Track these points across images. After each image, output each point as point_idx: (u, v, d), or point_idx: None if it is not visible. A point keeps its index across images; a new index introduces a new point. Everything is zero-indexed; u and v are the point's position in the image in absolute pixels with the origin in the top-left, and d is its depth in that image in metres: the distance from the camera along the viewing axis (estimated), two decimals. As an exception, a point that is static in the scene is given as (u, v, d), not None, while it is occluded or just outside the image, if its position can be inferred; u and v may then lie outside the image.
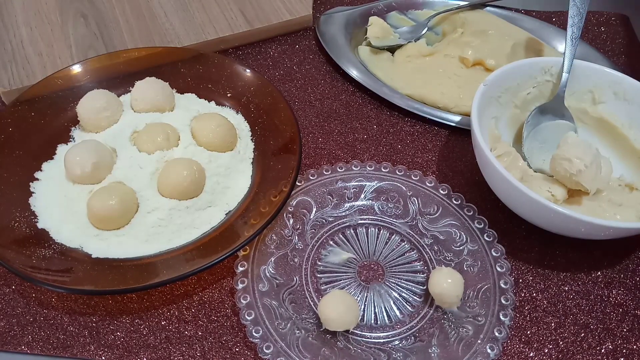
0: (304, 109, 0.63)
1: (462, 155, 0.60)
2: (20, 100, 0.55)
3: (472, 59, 0.65)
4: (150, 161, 0.51)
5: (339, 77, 0.67)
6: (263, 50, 0.69)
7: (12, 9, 0.68)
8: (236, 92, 0.59)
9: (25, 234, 0.47)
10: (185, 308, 0.48)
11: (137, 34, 0.66)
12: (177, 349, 0.45)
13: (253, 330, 0.44)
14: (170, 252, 0.48)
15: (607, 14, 0.76)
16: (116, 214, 0.47)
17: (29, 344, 0.45)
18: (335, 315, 0.44)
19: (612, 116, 0.57)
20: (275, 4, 0.70)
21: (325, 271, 0.50)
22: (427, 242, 0.52)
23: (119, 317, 0.47)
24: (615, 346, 0.47)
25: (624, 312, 0.49)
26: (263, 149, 0.55)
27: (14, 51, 0.63)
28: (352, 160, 0.56)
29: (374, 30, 0.69)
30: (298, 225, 0.52)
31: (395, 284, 0.49)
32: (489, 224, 0.52)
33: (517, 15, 0.73)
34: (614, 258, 0.53)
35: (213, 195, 0.51)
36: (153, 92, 0.55)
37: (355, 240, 0.52)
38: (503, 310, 0.46)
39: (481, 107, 0.53)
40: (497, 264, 0.49)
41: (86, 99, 0.54)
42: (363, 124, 0.62)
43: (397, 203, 0.54)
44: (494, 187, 0.52)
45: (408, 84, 0.64)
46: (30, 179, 0.51)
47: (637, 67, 0.69)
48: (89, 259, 0.47)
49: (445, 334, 0.46)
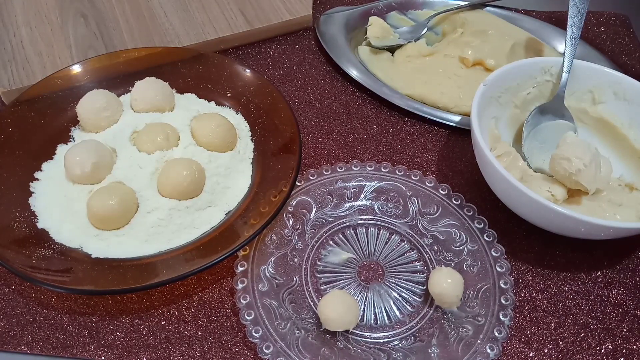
0: (303, 109, 0.63)
1: (462, 155, 0.60)
2: (20, 100, 0.55)
3: (472, 59, 0.65)
4: (150, 161, 0.51)
5: (338, 77, 0.67)
6: (263, 50, 0.69)
7: (12, 9, 0.68)
8: (236, 92, 0.58)
9: (25, 234, 0.47)
10: (185, 308, 0.48)
11: (137, 34, 0.66)
12: (176, 349, 0.45)
13: (253, 330, 0.44)
14: (170, 252, 0.48)
15: (607, 14, 0.76)
16: (116, 214, 0.47)
17: (29, 344, 0.45)
18: (335, 315, 0.44)
19: (612, 116, 0.57)
20: (275, 4, 0.70)
21: (325, 271, 0.50)
22: (427, 242, 0.52)
23: (118, 317, 0.47)
24: (615, 346, 0.47)
25: (623, 312, 0.49)
26: (263, 149, 0.55)
27: (14, 51, 0.63)
28: (352, 160, 0.56)
29: (373, 30, 0.69)
30: (298, 225, 0.52)
31: (395, 284, 0.49)
32: (488, 224, 0.51)
33: (517, 15, 0.73)
34: (614, 258, 0.53)
35: (213, 195, 0.51)
36: (153, 92, 0.55)
37: (355, 240, 0.52)
38: (503, 310, 0.46)
39: (481, 107, 0.53)
40: (497, 264, 0.49)
41: (86, 99, 0.54)
42: (363, 124, 0.62)
43: (397, 203, 0.54)
44: (494, 187, 0.52)
45: (408, 84, 0.64)
46: (30, 178, 0.51)
47: (637, 67, 0.69)
48: (89, 259, 0.47)
49: (445, 334, 0.46)
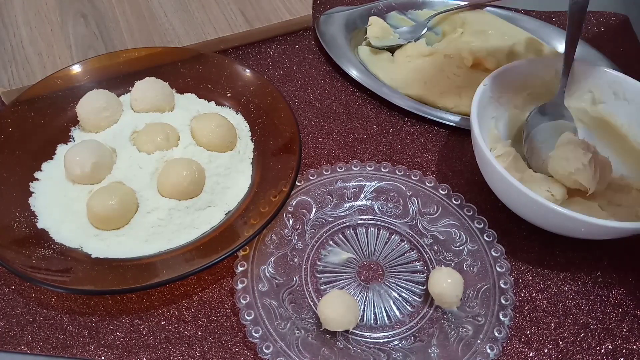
0: (303, 109, 0.63)
1: (461, 155, 0.60)
2: (20, 100, 0.55)
3: (471, 59, 0.65)
4: (150, 161, 0.51)
5: (338, 77, 0.67)
6: (263, 50, 0.69)
7: (12, 9, 0.68)
8: (236, 92, 0.58)
9: (24, 234, 0.47)
10: (184, 308, 0.48)
11: (137, 34, 0.66)
12: (176, 349, 0.45)
13: (253, 330, 0.44)
14: (170, 252, 0.48)
15: (607, 14, 0.76)
16: (116, 214, 0.47)
17: (29, 344, 0.45)
18: (334, 315, 0.44)
19: (611, 116, 0.57)
20: (275, 3, 0.70)
21: (325, 271, 0.50)
22: (426, 242, 0.52)
23: (118, 317, 0.47)
24: (615, 346, 0.47)
25: (623, 312, 0.49)
26: (263, 149, 0.55)
27: (14, 51, 0.63)
28: (352, 160, 0.56)
29: (373, 30, 0.69)
30: (298, 225, 0.52)
31: (394, 284, 0.49)
32: (488, 224, 0.51)
33: (517, 15, 0.73)
34: (614, 258, 0.53)
35: (213, 195, 0.51)
36: (153, 92, 0.55)
37: (355, 240, 0.52)
38: (503, 310, 0.46)
39: (481, 107, 0.53)
40: (496, 264, 0.49)
41: (86, 99, 0.54)
42: (363, 124, 0.62)
43: (396, 203, 0.54)
44: (494, 187, 0.52)
45: (408, 84, 0.64)
46: (30, 178, 0.51)
47: (637, 67, 0.69)
48: (89, 259, 0.47)
49: (445, 334, 0.46)
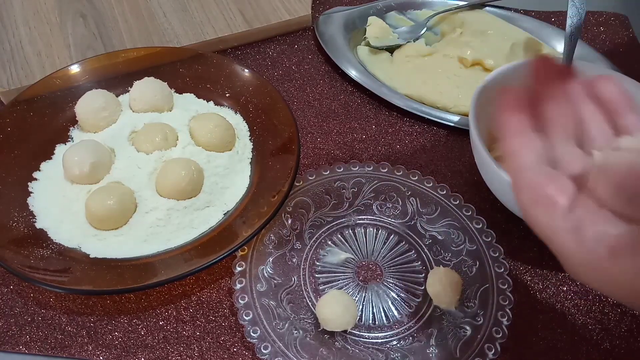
0: (302, 109, 0.63)
1: (460, 155, 0.60)
2: (19, 100, 0.55)
3: (471, 59, 0.64)
4: (149, 161, 0.51)
5: (337, 77, 0.67)
6: (262, 50, 0.68)
7: (11, 9, 0.68)
8: (235, 92, 0.58)
9: (23, 234, 0.47)
10: (183, 308, 0.48)
11: (136, 34, 0.66)
12: (175, 349, 0.45)
13: (251, 330, 0.44)
14: (169, 252, 0.48)
15: (607, 14, 0.76)
16: (114, 214, 0.47)
17: (27, 344, 0.45)
18: (333, 315, 0.44)
19: (611, 116, 0.57)
20: (274, 3, 0.70)
21: (324, 271, 0.50)
22: (425, 242, 0.52)
23: (117, 317, 0.47)
24: (614, 346, 0.47)
25: (622, 313, 0.49)
26: (262, 149, 0.55)
27: (13, 51, 0.63)
28: (351, 161, 0.56)
29: (373, 30, 0.69)
30: (296, 225, 0.52)
31: (393, 284, 0.49)
32: (487, 224, 0.51)
33: (516, 15, 0.73)
34: (612, 258, 0.53)
35: (211, 195, 0.51)
36: (151, 92, 0.55)
37: (353, 240, 0.52)
38: (501, 310, 0.46)
39: (479, 107, 0.53)
40: (495, 264, 0.49)
41: (85, 99, 0.54)
42: (362, 124, 0.62)
43: (395, 203, 0.54)
44: (493, 187, 0.52)
45: (407, 84, 0.64)
46: (29, 178, 0.51)
47: (637, 67, 0.69)
48: (87, 259, 0.47)
49: (444, 335, 0.46)
